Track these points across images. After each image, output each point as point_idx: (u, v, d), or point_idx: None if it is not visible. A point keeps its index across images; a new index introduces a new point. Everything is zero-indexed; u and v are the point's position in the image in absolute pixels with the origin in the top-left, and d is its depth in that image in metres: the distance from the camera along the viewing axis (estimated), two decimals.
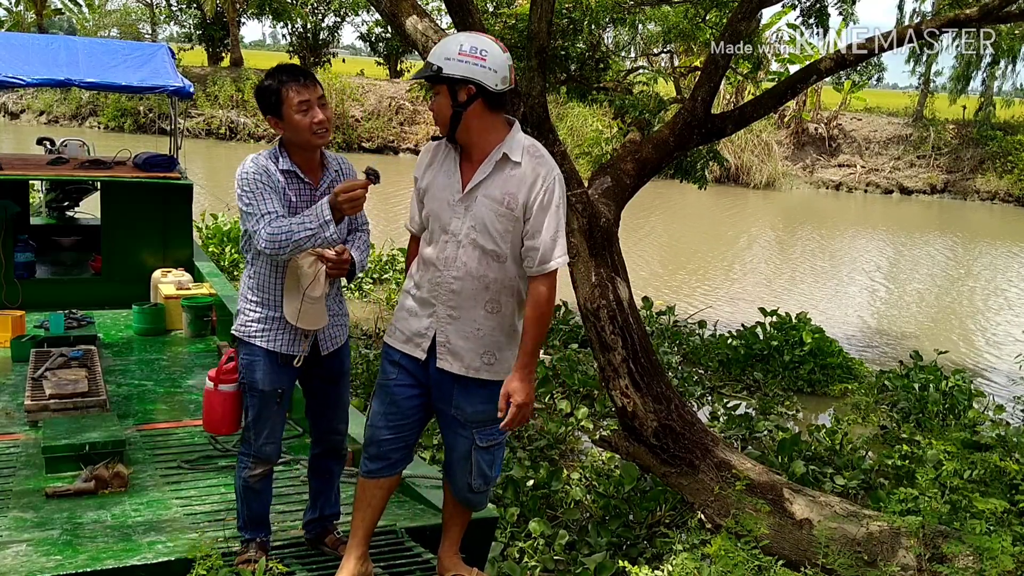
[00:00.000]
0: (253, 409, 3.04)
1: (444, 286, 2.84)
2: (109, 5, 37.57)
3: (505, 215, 2.77)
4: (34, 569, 3.02)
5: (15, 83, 6.52)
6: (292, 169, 2.94)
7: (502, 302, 2.85)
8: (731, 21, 5.02)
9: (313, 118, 2.87)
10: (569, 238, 4.14)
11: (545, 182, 2.77)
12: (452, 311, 2.85)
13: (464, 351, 2.87)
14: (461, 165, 2.86)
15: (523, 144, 2.83)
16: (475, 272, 2.81)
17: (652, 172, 4.94)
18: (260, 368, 2.99)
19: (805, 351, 7.99)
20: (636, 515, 4.60)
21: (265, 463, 3.08)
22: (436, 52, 2.74)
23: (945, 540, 3.44)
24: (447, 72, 2.71)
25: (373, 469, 3.01)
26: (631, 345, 4.19)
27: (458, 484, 3.04)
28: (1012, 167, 25.10)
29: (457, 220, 2.81)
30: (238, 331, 3.03)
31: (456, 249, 2.82)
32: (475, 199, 2.79)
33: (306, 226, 2.80)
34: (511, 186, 2.77)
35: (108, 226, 7.01)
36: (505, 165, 2.79)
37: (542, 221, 2.77)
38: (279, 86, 2.87)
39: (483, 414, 2.90)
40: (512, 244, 2.81)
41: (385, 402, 2.99)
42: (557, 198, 2.78)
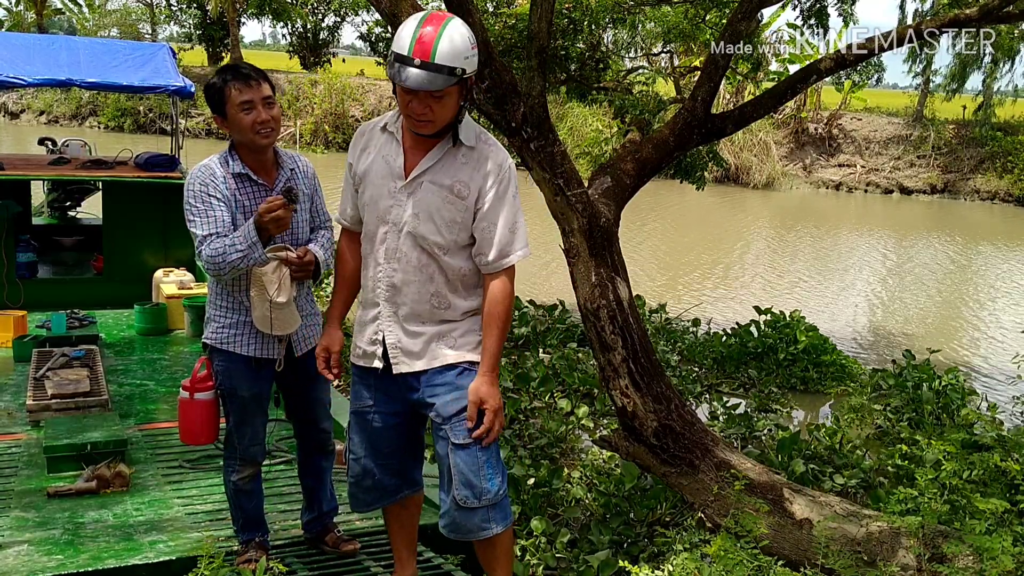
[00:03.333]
0: (235, 415, 3.03)
1: (384, 281, 2.63)
2: (109, 5, 37.63)
3: (454, 203, 2.55)
4: (36, 568, 3.03)
5: (16, 83, 6.53)
6: (243, 172, 2.90)
7: (449, 297, 2.63)
8: (731, 21, 5.02)
9: (256, 118, 2.81)
10: (569, 238, 4.15)
11: (502, 170, 2.58)
12: (395, 307, 2.63)
13: (418, 348, 2.64)
14: (405, 150, 2.62)
15: (475, 130, 2.63)
16: (416, 263, 2.59)
17: (652, 172, 4.94)
18: (237, 374, 2.97)
19: (799, 349, 8.02)
20: (637, 513, 4.61)
21: (252, 465, 3.08)
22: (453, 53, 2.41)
23: (945, 540, 3.45)
24: (469, 72, 2.47)
25: (370, 500, 2.84)
26: (631, 345, 4.19)
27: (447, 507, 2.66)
28: (1012, 167, 25.08)
29: (398, 208, 2.58)
30: (210, 339, 2.99)
31: (396, 240, 2.59)
32: (420, 185, 2.57)
33: (236, 248, 2.77)
34: (462, 173, 2.56)
35: (110, 226, 7.02)
36: (457, 151, 2.58)
37: (499, 211, 2.57)
38: (223, 85, 2.83)
39: (453, 404, 2.61)
40: (458, 235, 2.58)
41: (364, 430, 2.77)
42: (513, 187, 2.60)
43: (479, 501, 2.60)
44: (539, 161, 3.99)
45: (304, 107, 27.17)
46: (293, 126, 26.12)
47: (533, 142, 3.94)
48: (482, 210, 2.57)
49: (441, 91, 2.43)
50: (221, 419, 3.11)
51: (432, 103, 2.46)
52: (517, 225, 2.61)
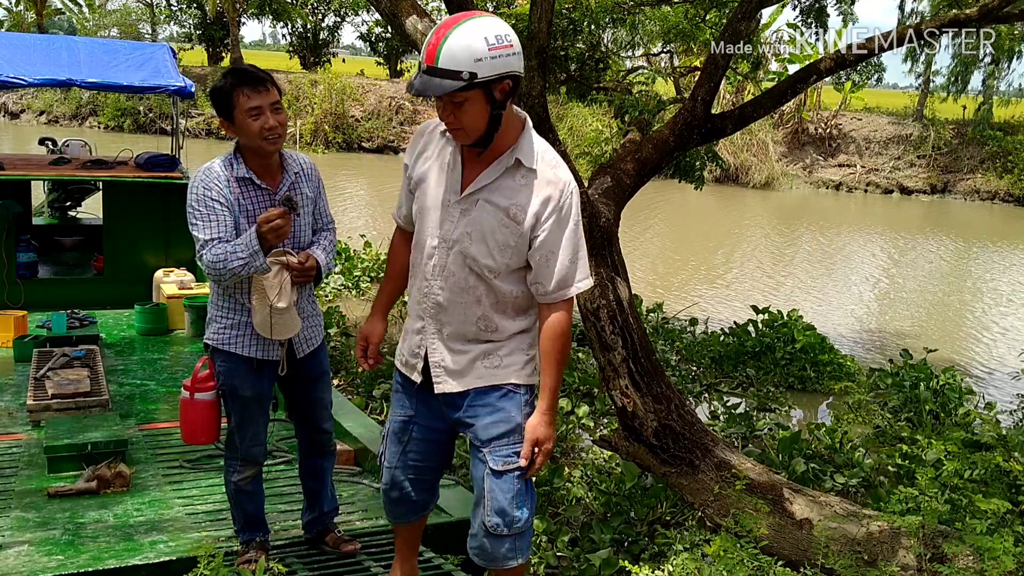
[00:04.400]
0: (236, 415, 3.02)
1: (431, 298, 2.50)
2: (109, 5, 37.67)
3: (509, 226, 2.39)
4: (36, 569, 3.03)
5: (17, 83, 6.53)
6: (247, 176, 2.88)
7: (496, 321, 2.49)
8: (731, 21, 5.02)
9: (264, 124, 2.78)
10: None
11: (563, 196, 2.40)
12: (440, 325, 2.51)
13: (462, 367, 2.52)
14: (463, 160, 2.47)
15: (537, 149, 2.44)
16: (464, 284, 2.45)
17: (652, 172, 4.95)
18: (239, 375, 2.96)
19: (797, 348, 8.03)
20: (637, 512, 4.61)
21: (253, 465, 3.08)
22: (457, 56, 2.24)
23: (945, 540, 3.45)
24: (483, 76, 2.26)
25: (398, 513, 2.78)
26: (631, 345, 4.19)
27: (475, 529, 2.57)
28: (1012, 167, 25.08)
29: (450, 223, 2.44)
30: (212, 340, 2.99)
31: (445, 256, 2.46)
32: (475, 203, 2.42)
33: (238, 255, 2.77)
34: (520, 196, 2.40)
35: (110, 226, 7.03)
36: (516, 171, 2.41)
37: (558, 240, 2.40)
38: (230, 89, 2.79)
39: (494, 428, 2.50)
40: (510, 260, 2.43)
41: (400, 441, 2.68)
42: (576, 215, 2.42)
43: (508, 530, 2.52)
44: None
45: (304, 107, 27.17)
46: (293, 126, 26.12)
47: None
48: (539, 238, 2.40)
49: (456, 97, 2.27)
50: (222, 419, 3.11)
51: (453, 110, 2.32)
52: (579, 255, 2.44)
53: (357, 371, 7.03)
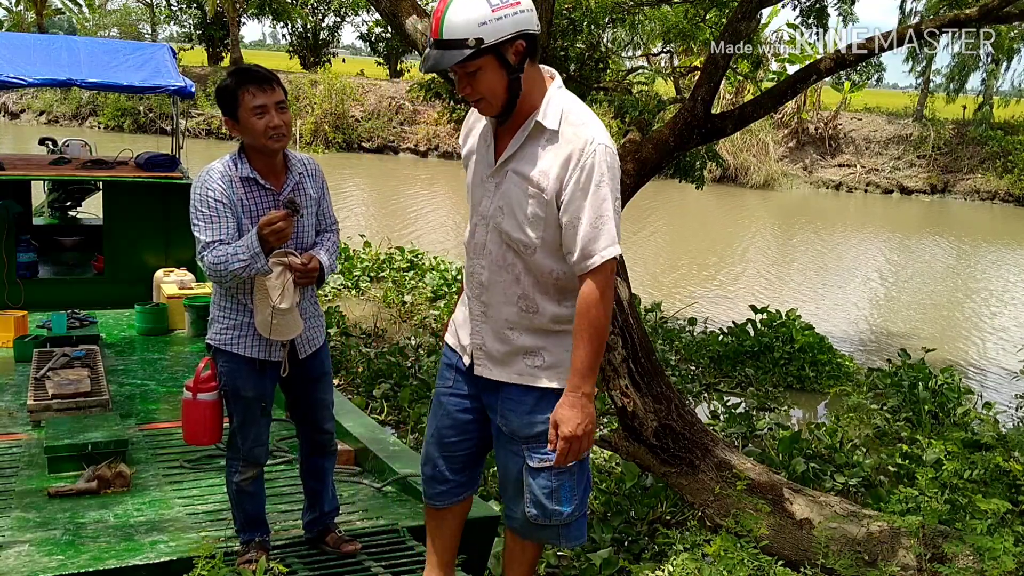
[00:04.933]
0: (238, 415, 3.02)
1: (475, 276, 2.43)
2: (109, 5, 37.69)
3: (536, 196, 2.26)
4: (36, 569, 3.03)
5: (17, 83, 6.53)
6: (251, 176, 2.88)
7: (538, 302, 2.36)
8: (731, 21, 5.03)
9: (269, 123, 2.78)
10: None
11: (584, 155, 2.22)
12: (484, 307, 2.43)
13: (502, 354, 2.42)
14: (496, 130, 2.37)
15: (563, 108, 2.29)
16: (502, 261, 2.35)
17: (652, 172, 4.95)
18: (241, 375, 2.96)
19: (795, 348, 8.04)
20: (638, 512, 4.62)
21: (255, 466, 3.07)
22: (460, 23, 2.15)
23: (946, 540, 3.45)
24: (491, 40, 2.16)
25: (432, 494, 2.66)
26: (631, 345, 4.19)
27: (513, 513, 2.54)
28: (1012, 167, 25.09)
29: (487, 199, 2.36)
30: (214, 340, 2.99)
31: (484, 233, 2.38)
32: (505, 175, 2.31)
33: (239, 257, 2.77)
34: (544, 161, 2.26)
35: (110, 226, 7.02)
36: (539, 136, 2.28)
37: (581, 206, 2.23)
38: (235, 88, 2.79)
39: (533, 427, 2.41)
40: (544, 233, 2.28)
41: (438, 414, 2.61)
42: (599, 175, 2.22)
43: (549, 521, 2.45)
44: None
45: (304, 107, 27.18)
46: (294, 126, 26.12)
47: None
48: (564, 203, 2.24)
49: (468, 67, 2.19)
50: (225, 420, 3.11)
51: (469, 81, 2.23)
52: (603, 219, 2.23)
53: (357, 371, 7.04)
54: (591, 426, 2.31)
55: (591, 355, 2.29)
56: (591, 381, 2.31)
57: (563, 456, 2.32)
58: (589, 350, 2.29)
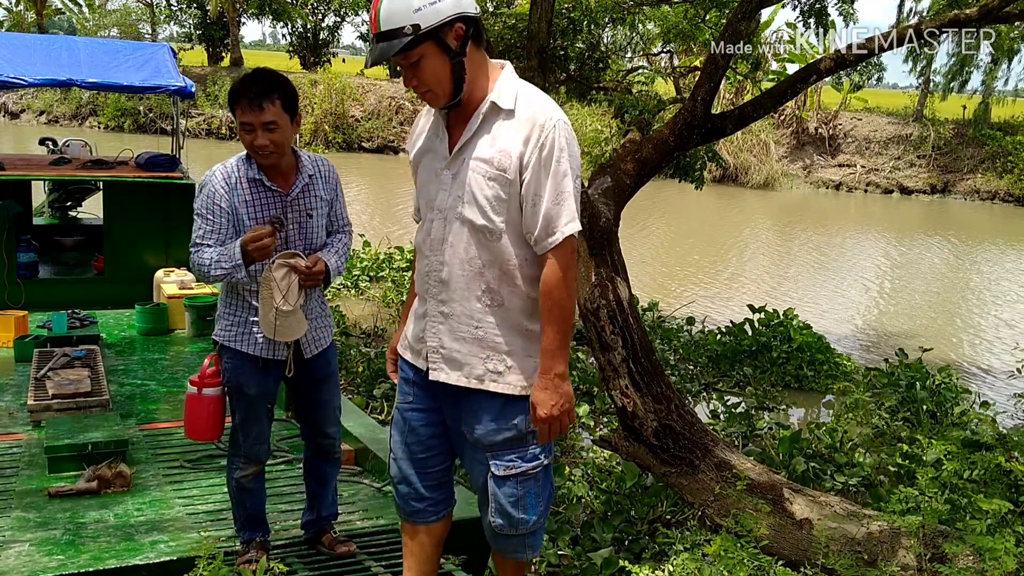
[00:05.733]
0: (240, 412, 3.03)
1: (432, 275, 2.36)
2: (109, 5, 37.70)
3: (496, 178, 2.24)
4: (36, 569, 3.03)
5: (17, 83, 6.53)
6: (258, 177, 2.90)
7: (503, 293, 2.31)
8: (731, 21, 5.03)
9: (253, 140, 2.80)
10: None
11: (544, 131, 2.21)
12: (443, 306, 2.35)
13: (462, 356, 2.35)
14: (449, 125, 2.35)
15: (517, 89, 2.28)
16: (464, 255, 2.30)
17: (652, 172, 4.95)
18: (244, 372, 2.98)
19: (793, 347, 8.05)
20: (638, 511, 4.62)
21: (255, 463, 3.08)
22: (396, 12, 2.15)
23: (946, 540, 3.45)
24: (428, 25, 2.15)
25: (410, 511, 2.58)
26: (631, 345, 4.20)
27: (484, 523, 2.50)
28: (1012, 167, 25.09)
29: (444, 192, 2.31)
30: (219, 336, 3.01)
31: (443, 228, 2.32)
32: (462, 163, 2.28)
33: (221, 265, 2.83)
34: (501, 142, 2.23)
35: (110, 226, 7.02)
36: (495, 116, 2.26)
37: (542, 182, 2.21)
38: (233, 100, 2.82)
39: (496, 434, 2.36)
40: (508, 215, 2.26)
41: (403, 431, 2.54)
42: (559, 151, 2.21)
43: (515, 530, 2.43)
44: None
45: (304, 107, 27.17)
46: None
47: None
48: (524, 181, 2.23)
49: (410, 57, 2.18)
50: (227, 418, 3.11)
51: (413, 72, 2.22)
52: (563, 195, 2.22)
53: (357, 370, 7.04)
54: (568, 404, 2.31)
55: (559, 334, 2.27)
56: (562, 361, 2.29)
57: (544, 436, 2.34)
58: (556, 329, 2.27)
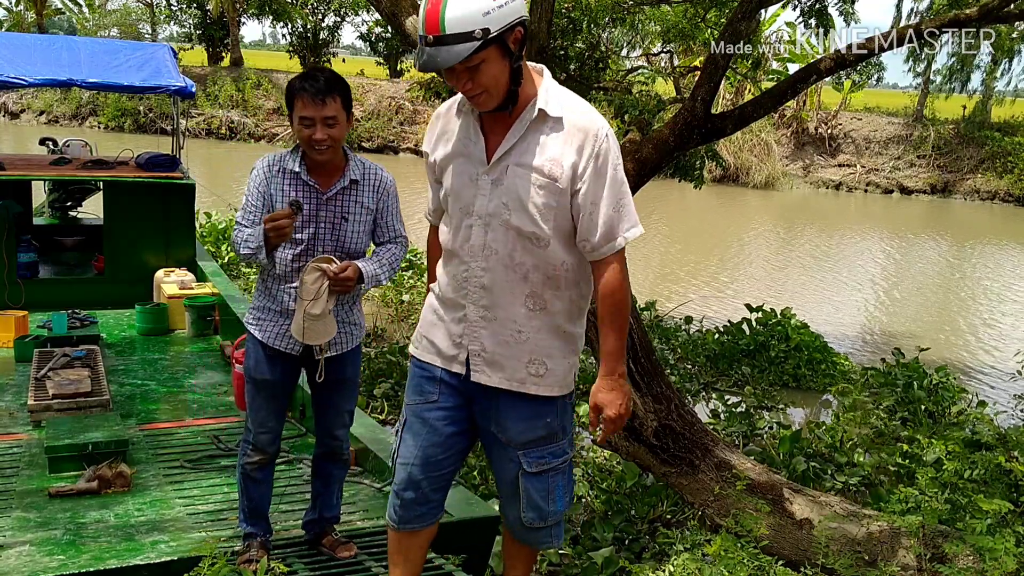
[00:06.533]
0: (248, 395, 3.11)
1: (473, 281, 2.34)
2: (109, 5, 37.66)
3: (547, 186, 2.23)
4: (37, 569, 3.03)
5: (18, 83, 6.53)
6: (297, 171, 2.96)
7: (546, 297, 2.33)
8: (731, 21, 5.03)
9: (312, 135, 2.84)
10: None
11: (598, 140, 2.23)
12: (485, 311, 2.35)
13: (505, 359, 2.36)
14: (484, 129, 2.32)
15: (561, 96, 2.28)
16: (508, 260, 2.29)
17: (652, 172, 4.95)
18: (252, 356, 3.08)
19: (791, 346, 8.05)
20: (638, 511, 4.62)
21: (261, 452, 3.09)
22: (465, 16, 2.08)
23: (946, 540, 3.45)
24: (497, 29, 2.10)
25: (410, 517, 2.52)
26: (631, 345, 4.19)
27: (510, 518, 2.54)
28: (1012, 167, 25.10)
29: (483, 198, 2.29)
30: (245, 319, 3.16)
31: (484, 234, 2.30)
32: (506, 170, 2.26)
33: (248, 244, 2.91)
34: (551, 150, 2.23)
35: (111, 226, 7.03)
36: (542, 124, 2.25)
37: (600, 191, 2.23)
38: (294, 92, 2.86)
39: (530, 433, 2.41)
40: (556, 223, 2.26)
41: (421, 434, 2.47)
42: (615, 159, 2.25)
43: (545, 522, 2.49)
44: None
45: None
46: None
47: None
48: (581, 191, 2.23)
49: (472, 61, 2.12)
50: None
51: (471, 76, 2.16)
52: (623, 201, 2.26)
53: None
54: (629, 403, 2.39)
55: (621, 336, 2.34)
56: (623, 361, 2.37)
57: (607, 435, 2.40)
58: (618, 332, 2.33)
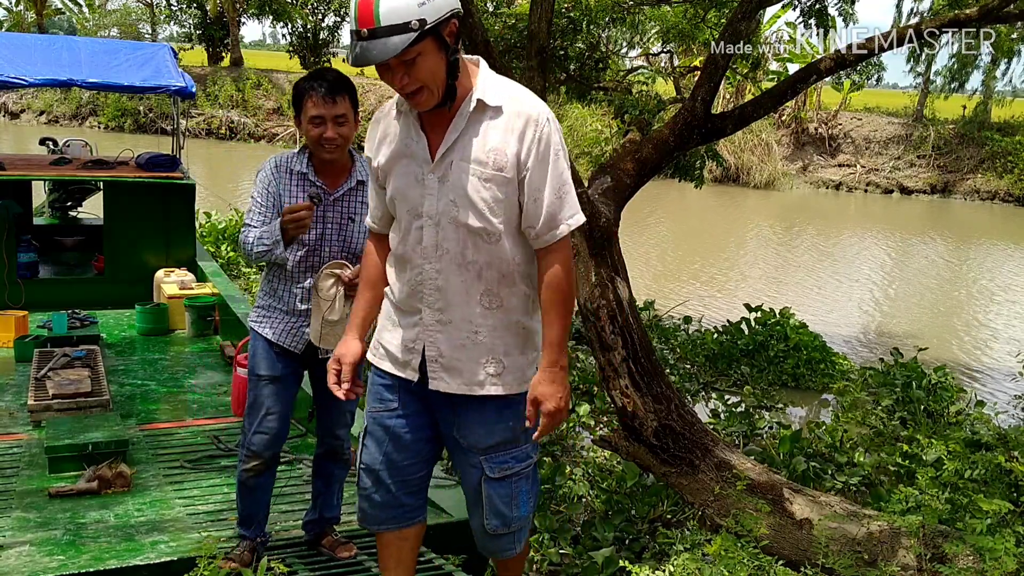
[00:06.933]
0: (249, 395, 3.10)
1: (427, 284, 2.27)
2: (109, 5, 37.70)
3: (494, 179, 2.17)
4: (37, 569, 3.03)
5: (18, 83, 6.53)
6: (304, 171, 2.98)
7: (502, 294, 2.28)
8: (731, 21, 5.03)
9: (322, 133, 2.86)
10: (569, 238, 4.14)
11: (539, 126, 2.17)
12: (440, 314, 2.29)
13: (462, 363, 2.31)
14: (424, 128, 2.24)
15: (499, 84, 2.22)
16: (460, 259, 2.23)
17: (652, 172, 4.95)
18: (257, 353, 3.08)
19: (789, 346, 8.06)
20: (638, 511, 4.62)
21: (256, 456, 3.05)
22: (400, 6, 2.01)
23: (946, 540, 3.45)
24: (433, 19, 2.04)
25: (385, 518, 2.50)
26: (631, 345, 4.20)
27: (474, 525, 2.49)
28: (1012, 167, 25.09)
29: (431, 197, 2.21)
30: (248, 320, 3.16)
31: (435, 234, 2.23)
32: (450, 166, 2.19)
33: (263, 241, 2.91)
34: (495, 140, 2.16)
35: (111, 226, 7.03)
36: (482, 115, 2.18)
37: (543, 176, 2.18)
38: (304, 92, 2.87)
39: (492, 437, 2.36)
40: (506, 216, 2.21)
41: (383, 440, 2.44)
42: (556, 144, 2.19)
43: (508, 528, 2.43)
44: None
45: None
46: (294, 126, 26.12)
47: None
48: (525, 177, 2.18)
49: (408, 54, 2.04)
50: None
51: (407, 70, 2.08)
52: (565, 188, 2.21)
53: None
54: (568, 398, 2.31)
55: (564, 327, 2.27)
56: (565, 353, 2.28)
57: (545, 431, 2.30)
58: (561, 323, 2.26)
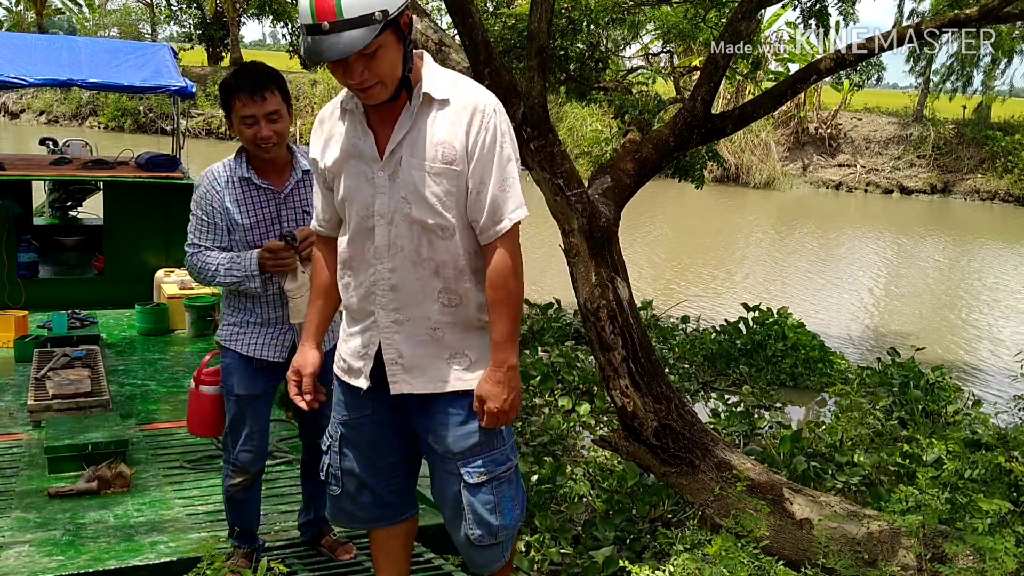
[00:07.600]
0: (230, 413, 3.02)
1: (380, 284, 2.20)
2: (109, 5, 37.71)
3: (444, 172, 2.11)
4: (36, 569, 3.03)
5: (18, 83, 6.54)
6: (247, 175, 2.86)
7: (461, 292, 2.20)
8: (731, 21, 5.02)
9: (256, 133, 2.75)
10: (569, 238, 4.15)
11: (485, 117, 2.11)
12: (396, 314, 2.21)
13: (424, 360, 2.22)
14: (371, 125, 2.18)
15: (445, 77, 2.17)
16: (415, 256, 2.16)
17: (652, 172, 4.95)
18: (235, 373, 2.97)
19: (787, 346, 8.06)
20: (639, 510, 4.62)
21: (243, 472, 3.02)
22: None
23: (946, 540, 3.45)
24: (394, 11, 1.99)
25: (372, 517, 2.46)
26: (631, 345, 4.19)
27: (459, 540, 2.35)
28: (1012, 167, 25.09)
29: (382, 196, 2.15)
30: (218, 336, 3.03)
31: (387, 232, 2.16)
32: (399, 162, 2.12)
33: (232, 273, 2.82)
34: (443, 133, 2.10)
35: (111, 226, 7.03)
36: (429, 108, 2.12)
37: (487, 168, 2.11)
38: (230, 91, 2.76)
39: (467, 439, 2.25)
40: (459, 210, 2.14)
41: (359, 445, 2.38)
42: (501, 136, 2.13)
43: (496, 538, 2.30)
44: (539, 161, 3.99)
45: (304, 107, 27.19)
46: (294, 127, 26.14)
47: (533, 142, 3.94)
48: (471, 169, 2.12)
49: (369, 47, 1.97)
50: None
51: (366, 64, 2.01)
52: (509, 181, 2.13)
53: None
54: (517, 399, 2.24)
55: (511, 326, 2.19)
56: (515, 352, 2.21)
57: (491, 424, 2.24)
58: (509, 321, 2.19)
